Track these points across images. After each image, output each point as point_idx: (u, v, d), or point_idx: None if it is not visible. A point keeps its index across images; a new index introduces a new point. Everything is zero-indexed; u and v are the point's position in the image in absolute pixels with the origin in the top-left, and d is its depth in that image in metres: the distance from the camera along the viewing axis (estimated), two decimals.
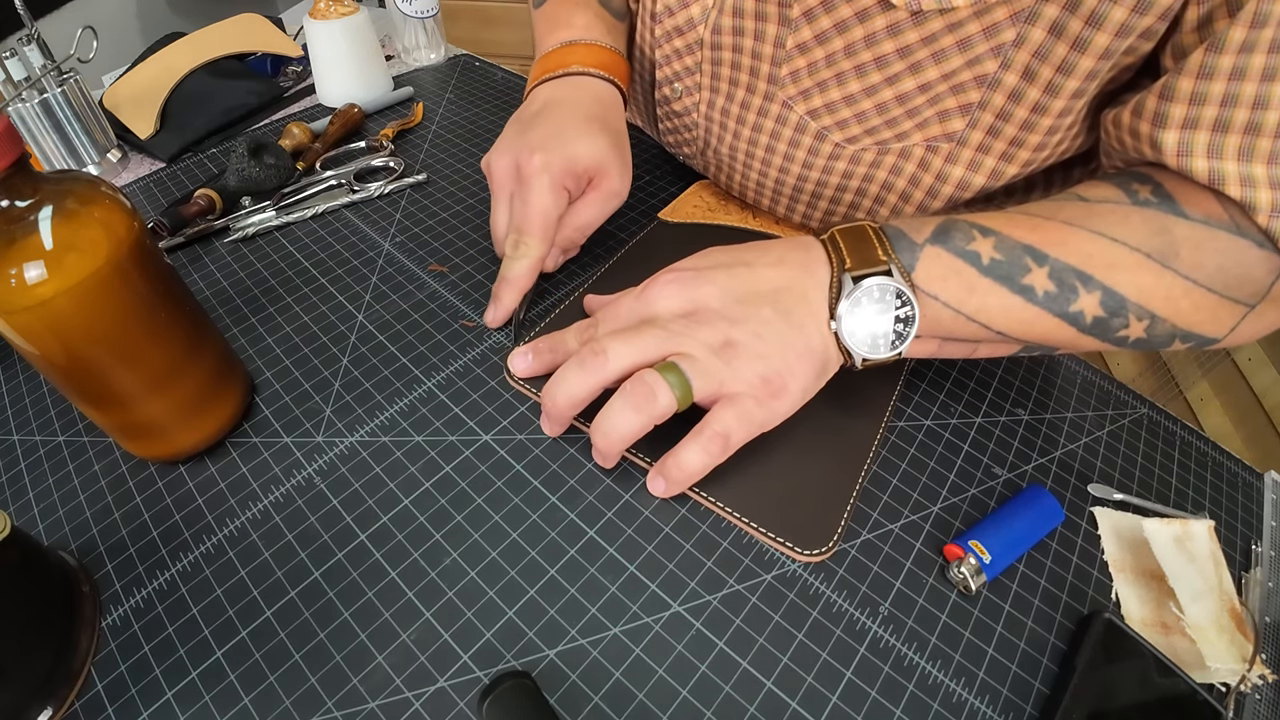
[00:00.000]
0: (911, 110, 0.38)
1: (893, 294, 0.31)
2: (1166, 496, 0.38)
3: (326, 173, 0.55)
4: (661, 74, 0.49)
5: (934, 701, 0.28)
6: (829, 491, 0.34)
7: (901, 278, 0.31)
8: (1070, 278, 0.30)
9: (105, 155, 0.58)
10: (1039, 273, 0.31)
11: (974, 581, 0.31)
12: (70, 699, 0.27)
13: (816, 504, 0.34)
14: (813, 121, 0.42)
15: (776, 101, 0.42)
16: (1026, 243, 0.31)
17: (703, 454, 0.31)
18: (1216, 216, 0.30)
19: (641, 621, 0.30)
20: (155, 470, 0.35)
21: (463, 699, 0.28)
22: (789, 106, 0.42)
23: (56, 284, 0.26)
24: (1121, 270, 0.30)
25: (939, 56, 0.35)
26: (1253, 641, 0.31)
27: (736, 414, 0.31)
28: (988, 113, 0.37)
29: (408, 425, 0.37)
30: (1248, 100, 0.28)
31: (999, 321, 0.32)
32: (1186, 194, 0.31)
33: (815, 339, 0.32)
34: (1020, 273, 0.31)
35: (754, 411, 0.31)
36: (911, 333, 0.32)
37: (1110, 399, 0.43)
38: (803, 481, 0.34)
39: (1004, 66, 0.34)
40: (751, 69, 0.42)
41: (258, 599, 0.30)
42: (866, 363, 0.33)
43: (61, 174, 0.29)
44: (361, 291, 0.45)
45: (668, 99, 0.50)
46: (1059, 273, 0.31)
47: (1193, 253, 0.30)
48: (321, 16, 0.62)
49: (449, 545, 0.32)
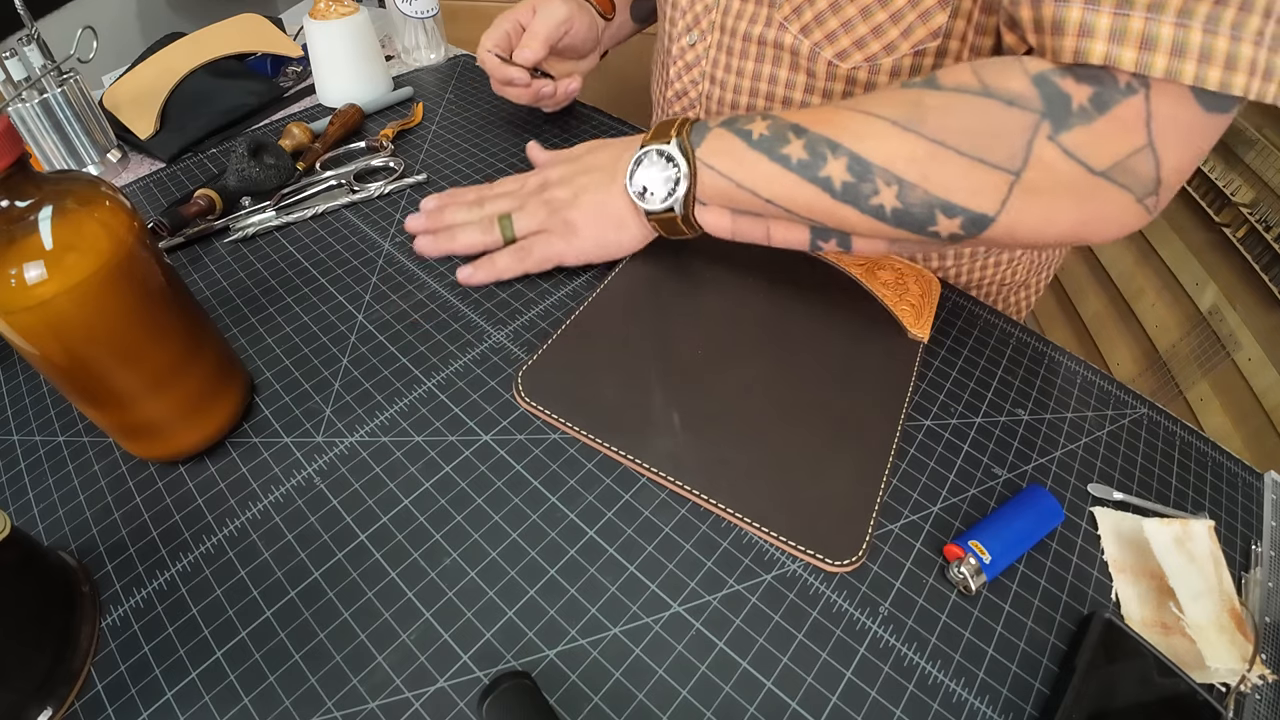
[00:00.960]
0: (895, 13, 0.40)
1: (665, 158, 0.39)
2: (1166, 496, 0.38)
3: (326, 173, 0.55)
4: (683, 22, 0.52)
5: (934, 702, 0.28)
6: (853, 499, 0.34)
7: (677, 148, 0.39)
8: (821, 146, 0.34)
9: (105, 155, 0.58)
10: (796, 144, 0.35)
11: (974, 582, 0.31)
12: (70, 699, 0.27)
13: (842, 512, 0.34)
14: (805, 40, 0.45)
15: (774, 26, 0.46)
16: (794, 122, 0.35)
17: (509, 257, 0.45)
18: (967, 84, 0.31)
19: (641, 622, 0.30)
20: (155, 470, 0.35)
21: (463, 699, 0.28)
22: (784, 28, 0.45)
23: (56, 284, 0.26)
24: (870, 139, 0.33)
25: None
26: (1253, 642, 0.31)
27: (541, 240, 0.45)
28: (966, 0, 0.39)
29: (407, 425, 0.37)
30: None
31: (763, 188, 0.37)
32: (946, 72, 0.33)
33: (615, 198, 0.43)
34: (780, 144, 0.35)
35: (554, 241, 0.44)
36: (681, 189, 0.39)
37: (1110, 399, 0.43)
38: (826, 490, 0.34)
39: None
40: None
41: (257, 599, 0.30)
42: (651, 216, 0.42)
43: (61, 174, 0.29)
44: (361, 291, 0.45)
45: (683, 51, 0.54)
46: (813, 143, 0.34)
47: (940, 117, 0.31)
48: (321, 17, 0.62)
49: (449, 545, 0.32)
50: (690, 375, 0.39)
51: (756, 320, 0.43)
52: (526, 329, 0.42)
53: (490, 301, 0.44)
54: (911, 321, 0.43)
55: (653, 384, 0.38)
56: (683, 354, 0.40)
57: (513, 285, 0.46)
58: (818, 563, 0.32)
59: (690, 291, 0.44)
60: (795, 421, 0.37)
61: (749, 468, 0.35)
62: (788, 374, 0.40)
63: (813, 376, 0.40)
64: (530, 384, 0.38)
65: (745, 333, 0.42)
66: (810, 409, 0.38)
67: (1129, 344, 1.27)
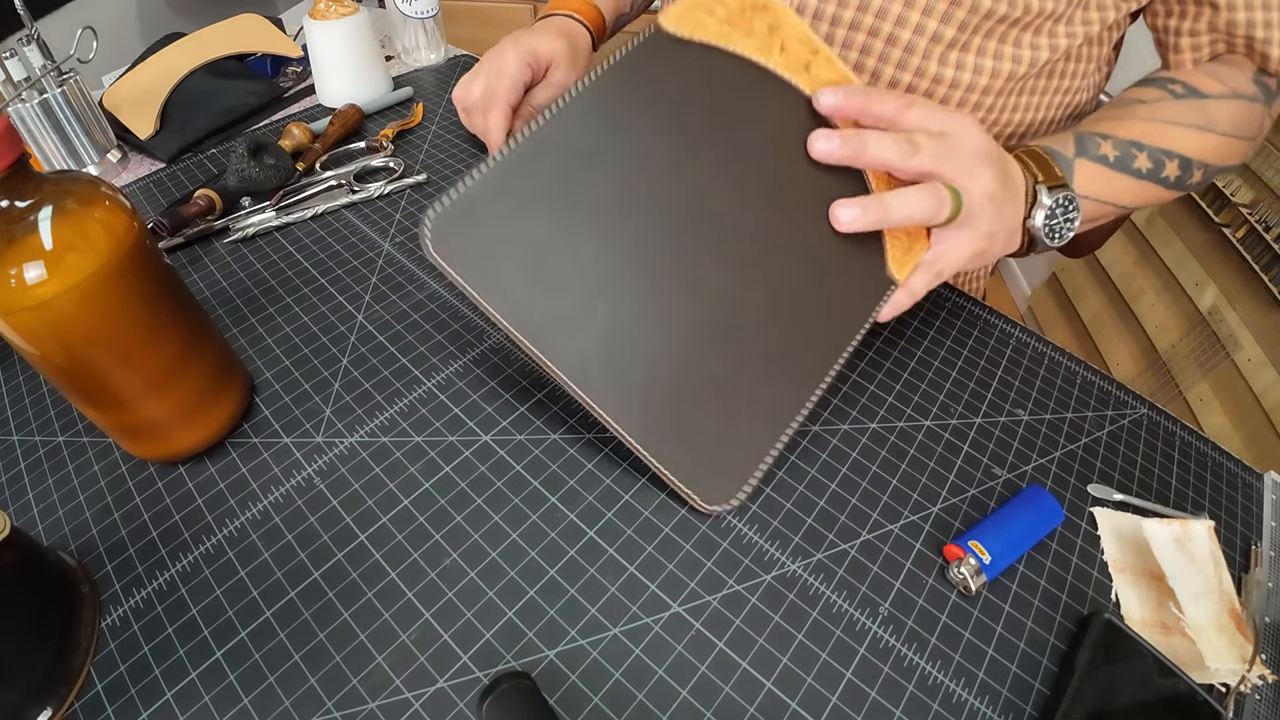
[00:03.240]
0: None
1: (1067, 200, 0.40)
2: (1166, 497, 0.38)
3: (326, 173, 0.55)
4: None
5: (934, 702, 0.28)
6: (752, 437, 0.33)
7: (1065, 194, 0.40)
8: (1160, 156, 0.43)
9: (105, 155, 0.58)
10: (1141, 157, 0.43)
11: (974, 582, 0.31)
12: (70, 699, 0.27)
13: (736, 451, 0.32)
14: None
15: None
16: (1130, 138, 0.43)
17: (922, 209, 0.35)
18: (1222, 91, 0.45)
19: (641, 622, 0.30)
20: (155, 470, 0.35)
21: (462, 699, 0.28)
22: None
23: (56, 284, 0.26)
24: (1187, 141, 0.44)
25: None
26: (1252, 642, 0.31)
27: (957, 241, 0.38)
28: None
29: (407, 426, 0.37)
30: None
31: (1124, 198, 0.43)
32: (1196, 80, 0.45)
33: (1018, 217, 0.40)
34: (1131, 160, 0.43)
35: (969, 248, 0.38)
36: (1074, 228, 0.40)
37: (1110, 399, 0.43)
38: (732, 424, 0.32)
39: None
40: None
41: (257, 599, 0.30)
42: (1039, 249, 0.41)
43: (61, 174, 0.29)
44: (361, 292, 0.45)
45: None
46: (1154, 155, 0.43)
47: (1223, 116, 0.45)
48: (321, 17, 0.62)
49: (449, 546, 0.32)
50: (636, 257, 0.32)
51: (737, 204, 0.35)
52: None
53: None
54: (898, 257, 0.37)
55: (590, 261, 0.32)
56: (638, 227, 0.33)
57: None
58: (691, 499, 0.32)
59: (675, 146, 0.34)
60: (728, 341, 0.34)
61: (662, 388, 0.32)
62: (745, 286, 0.34)
63: (769, 293, 0.35)
64: (445, 230, 0.29)
65: (717, 219, 0.34)
66: (748, 331, 0.34)
67: (1129, 344, 1.27)
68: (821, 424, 0.38)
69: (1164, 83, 0.46)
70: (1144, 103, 0.45)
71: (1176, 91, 0.45)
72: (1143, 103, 0.45)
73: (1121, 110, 0.45)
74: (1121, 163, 0.43)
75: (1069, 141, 0.42)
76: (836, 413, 0.39)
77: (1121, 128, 0.43)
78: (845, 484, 0.36)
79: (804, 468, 0.36)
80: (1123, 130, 0.43)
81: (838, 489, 0.35)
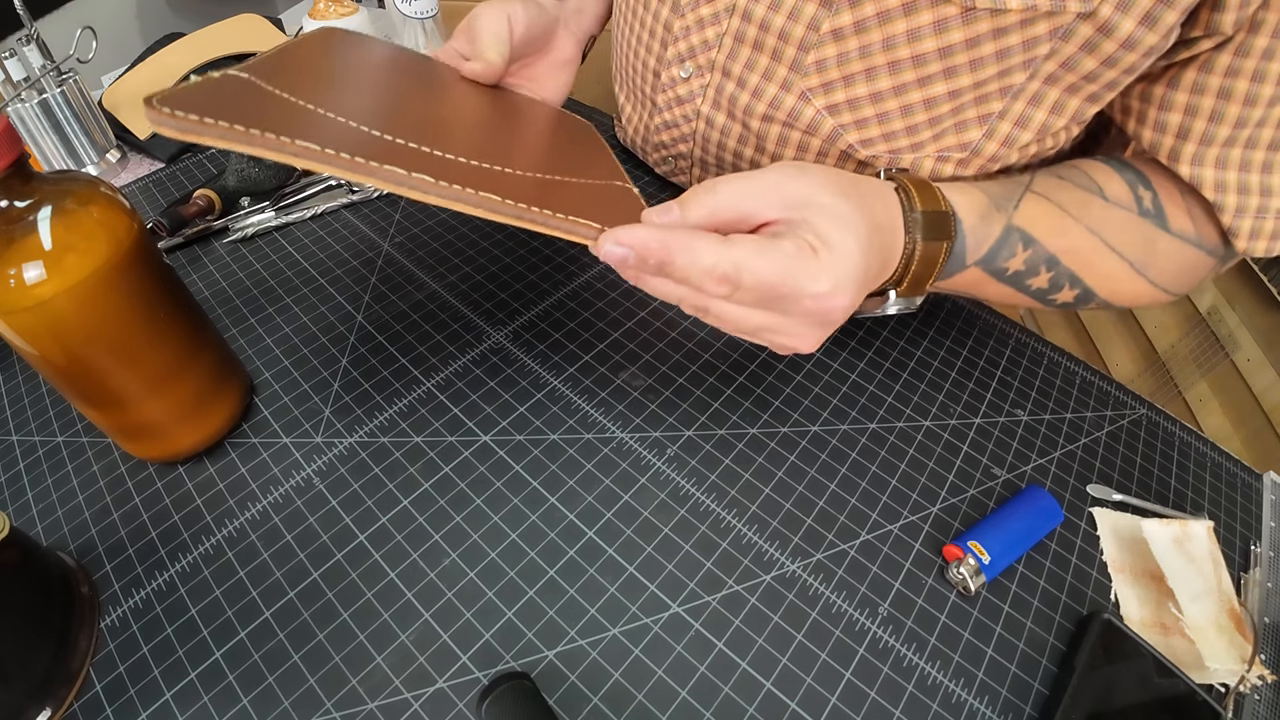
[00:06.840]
0: (934, 118, 0.38)
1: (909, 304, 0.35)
2: (1166, 497, 0.38)
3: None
4: (674, 50, 0.45)
5: (933, 702, 0.28)
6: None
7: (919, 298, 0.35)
8: (1065, 279, 0.37)
9: (104, 155, 0.58)
10: (1044, 276, 0.36)
11: (973, 582, 0.31)
12: (69, 699, 0.27)
13: None
14: (829, 119, 0.40)
15: (793, 92, 0.40)
16: (1053, 251, 0.36)
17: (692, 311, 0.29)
18: (1186, 231, 0.38)
19: (641, 622, 0.30)
20: (154, 471, 0.35)
21: (462, 700, 0.28)
22: (806, 99, 0.40)
23: (56, 284, 0.26)
24: (1110, 280, 0.37)
25: (976, 64, 0.35)
26: (1252, 642, 0.31)
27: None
28: (1005, 122, 0.37)
29: (407, 426, 0.37)
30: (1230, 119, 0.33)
31: (991, 297, 0.38)
32: (1171, 206, 0.37)
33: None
34: (1032, 274, 0.36)
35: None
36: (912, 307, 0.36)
37: (1109, 399, 0.43)
38: None
39: (1031, 77, 0.35)
40: (775, 51, 0.40)
41: (257, 600, 0.30)
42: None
43: (61, 174, 0.29)
44: (361, 292, 0.45)
45: (674, 81, 0.47)
46: (1060, 276, 0.36)
47: (1165, 262, 0.37)
48: (321, 17, 0.62)
49: (448, 546, 0.32)
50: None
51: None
52: (526, 329, 0.42)
53: (490, 302, 0.44)
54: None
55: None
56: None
57: (512, 285, 0.46)
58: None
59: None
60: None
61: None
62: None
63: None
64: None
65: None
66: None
67: (1128, 344, 1.27)
68: (821, 424, 0.38)
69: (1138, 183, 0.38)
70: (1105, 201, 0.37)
71: (1144, 205, 0.37)
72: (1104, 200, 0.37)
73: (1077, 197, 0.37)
74: (1017, 278, 0.36)
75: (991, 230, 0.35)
76: (836, 413, 0.39)
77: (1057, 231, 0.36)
78: (845, 484, 0.36)
79: (804, 468, 0.36)
80: (1055, 238, 0.36)
81: (837, 489, 0.35)
